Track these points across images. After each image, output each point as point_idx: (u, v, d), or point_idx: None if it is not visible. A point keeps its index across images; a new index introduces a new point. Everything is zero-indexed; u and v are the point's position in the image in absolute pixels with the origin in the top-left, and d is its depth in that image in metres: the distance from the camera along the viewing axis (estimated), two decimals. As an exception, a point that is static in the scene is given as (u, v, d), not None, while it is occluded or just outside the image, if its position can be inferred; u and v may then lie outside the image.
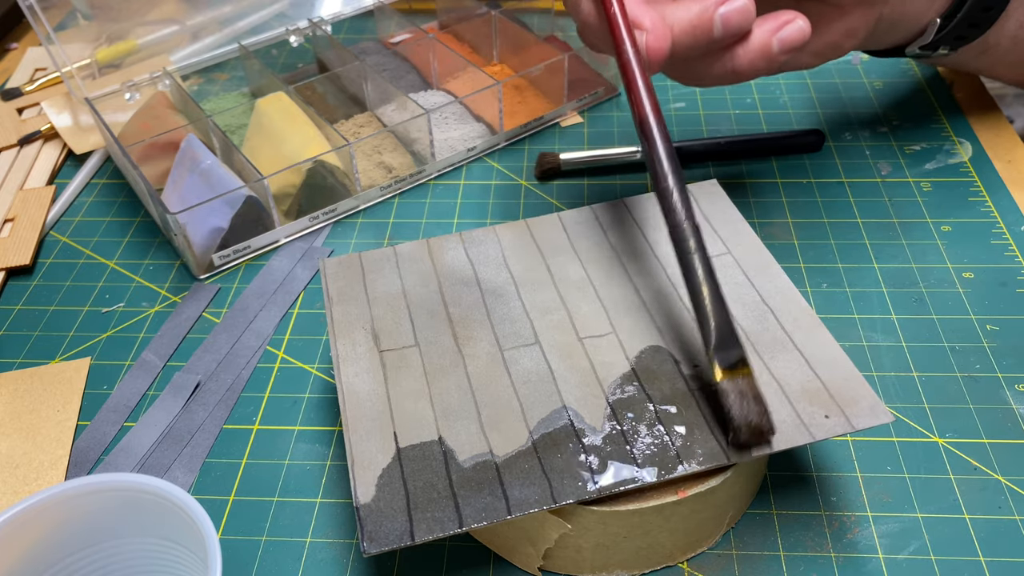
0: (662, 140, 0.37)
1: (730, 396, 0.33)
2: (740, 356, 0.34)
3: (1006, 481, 0.39)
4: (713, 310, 0.35)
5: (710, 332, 0.35)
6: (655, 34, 0.38)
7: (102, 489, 0.32)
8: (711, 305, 0.35)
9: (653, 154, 0.37)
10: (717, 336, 0.35)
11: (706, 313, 0.35)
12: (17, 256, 0.54)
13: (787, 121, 0.61)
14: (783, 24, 0.40)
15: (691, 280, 0.36)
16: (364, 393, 0.37)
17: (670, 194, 0.37)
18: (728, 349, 0.34)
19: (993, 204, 0.53)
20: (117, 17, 0.60)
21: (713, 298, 0.35)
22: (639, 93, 0.38)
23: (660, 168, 0.37)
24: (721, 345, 0.34)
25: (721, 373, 0.34)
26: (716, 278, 0.36)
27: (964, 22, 0.48)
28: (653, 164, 0.37)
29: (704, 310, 0.35)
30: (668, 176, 0.37)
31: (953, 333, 0.45)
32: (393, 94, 0.59)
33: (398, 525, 0.32)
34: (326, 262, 0.43)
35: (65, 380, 0.46)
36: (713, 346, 0.34)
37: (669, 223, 0.37)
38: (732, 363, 0.34)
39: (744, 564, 0.37)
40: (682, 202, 0.36)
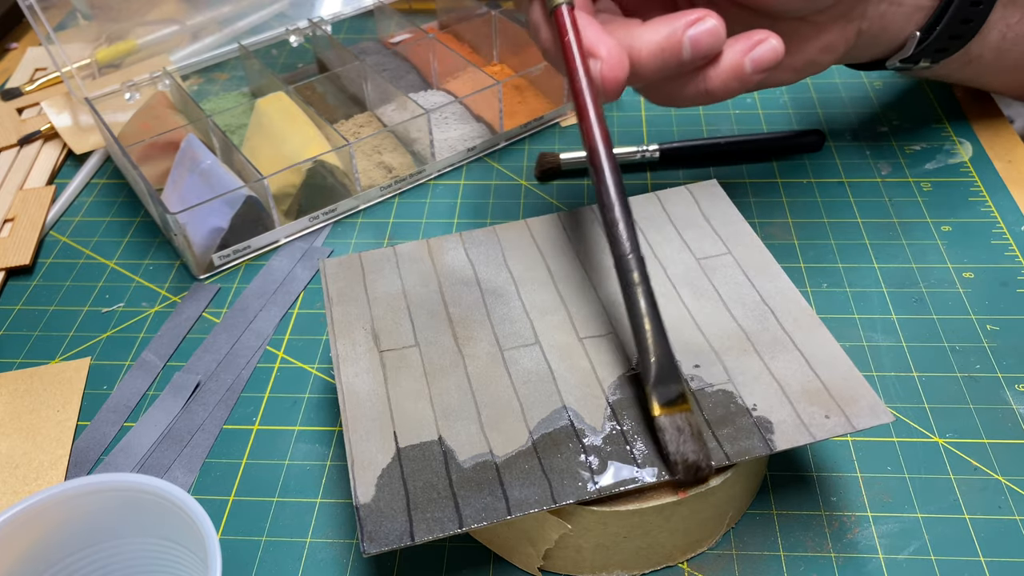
0: (611, 171, 0.37)
1: (667, 432, 0.33)
2: (679, 392, 0.34)
3: (1006, 481, 0.39)
4: (654, 344, 0.35)
5: (649, 367, 0.35)
6: (609, 63, 0.37)
7: (102, 489, 0.32)
8: (652, 339, 0.35)
9: (600, 185, 0.37)
10: (656, 371, 0.34)
11: (647, 347, 0.35)
12: (17, 256, 0.54)
13: (787, 121, 0.61)
14: (755, 44, 0.39)
15: (633, 313, 0.36)
16: (364, 393, 0.37)
17: (615, 225, 0.36)
18: (667, 384, 0.34)
19: (993, 204, 0.53)
20: (117, 17, 0.60)
21: (655, 332, 0.35)
22: (589, 122, 0.37)
23: (607, 199, 0.37)
24: (660, 380, 0.34)
25: (659, 409, 0.34)
26: (659, 312, 0.36)
27: (944, 35, 0.47)
28: (600, 195, 0.37)
29: (645, 344, 0.35)
30: (615, 207, 0.37)
31: (953, 333, 0.45)
32: (393, 94, 0.59)
33: (398, 525, 0.32)
34: (326, 262, 0.43)
35: (65, 380, 0.46)
36: (652, 382, 0.34)
37: (614, 254, 0.36)
38: (671, 399, 0.34)
39: (744, 564, 0.37)
40: (627, 234, 0.36)
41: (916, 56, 0.49)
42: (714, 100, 0.41)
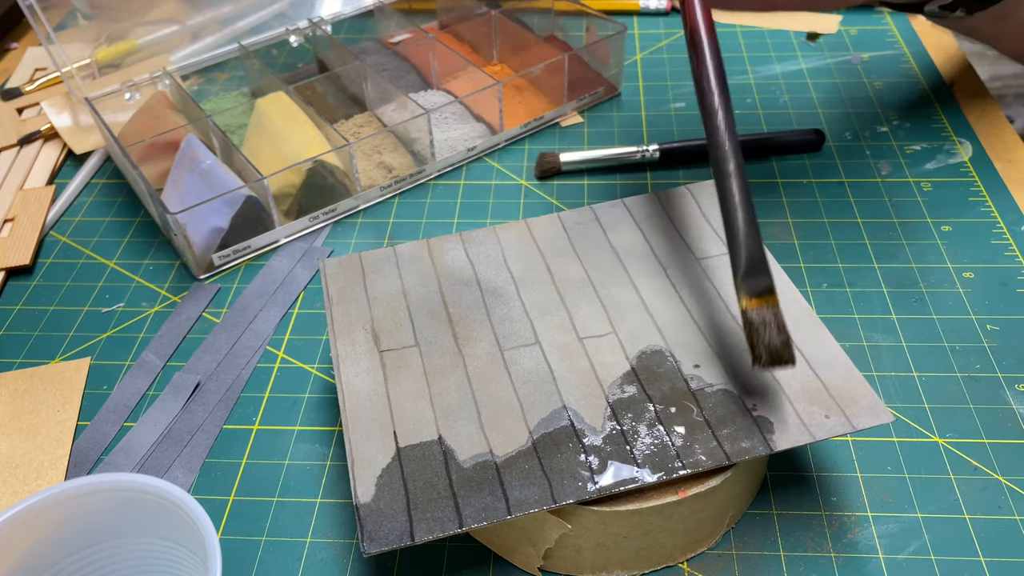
0: (712, 55, 0.36)
1: (754, 323, 0.33)
2: (768, 285, 0.34)
3: (1006, 481, 0.39)
4: (745, 237, 0.34)
5: (740, 259, 0.34)
6: None
7: (102, 489, 0.32)
8: (744, 232, 0.34)
9: (701, 69, 0.36)
10: (747, 264, 0.34)
11: (738, 240, 0.34)
12: (17, 256, 0.54)
13: (787, 121, 0.61)
14: None
15: (726, 204, 0.35)
16: (364, 393, 0.37)
17: (714, 113, 0.35)
18: (756, 277, 0.34)
19: (993, 204, 0.53)
20: (117, 17, 0.60)
21: (747, 224, 0.34)
22: (693, 3, 0.36)
23: (707, 84, 0.36)
24: (750, 273, 0.34)
25: (747, 300, 0.34)
26: (752, 204, 0.34)
27: None
28: (700, 79, 0.36)
29: (736, 236, 0.34)
30: (714, 93, 0.35)
31: (953, 333, 0.45)
32: (393, 94, 0.59)
33: (398, 525, 0.32)
34: (326, 262, 0.43)
35: (65, 380, 0.46)
36: (742, 273, 0.34)
37: (711, 141, 0.35)
38: (759, 291, 0.34)
39: (744, 564, 0.37)
40: (726, 121, 0.35)
41: (955, 3, 0.48)
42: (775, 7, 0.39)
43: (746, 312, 0.34)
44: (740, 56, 0.68)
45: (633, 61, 0.68)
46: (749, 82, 0.65)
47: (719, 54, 0.36)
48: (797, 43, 0.69)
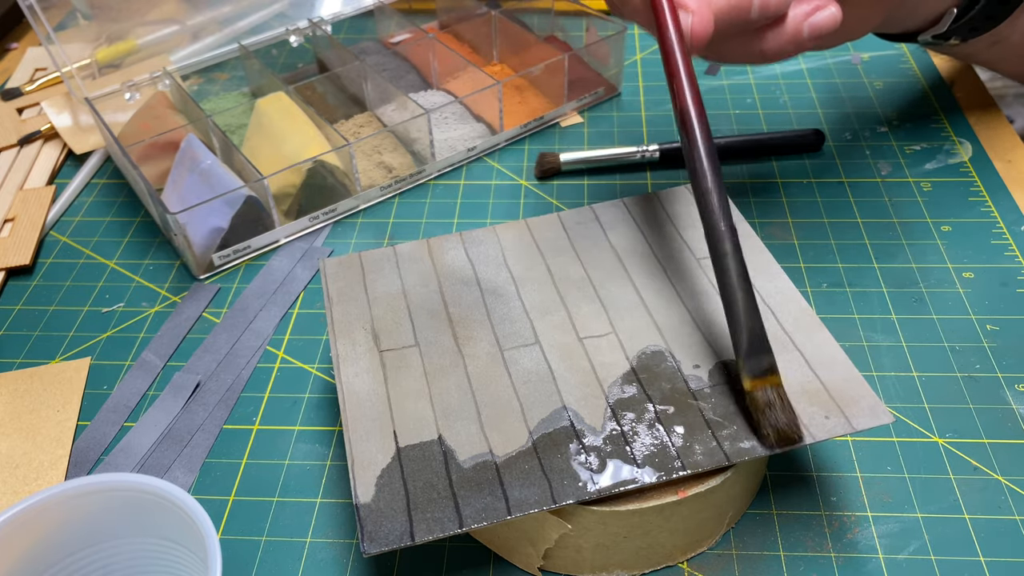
0: (702, 136, 0.36)
1: (759, 405, 0.34)
2: (770, 364, 0.34)
3: (1006, 481, 0.39)
4: (746, 316, 0.35)
5: (741, 339, 0.34)
6: (699, 16, 0.37)
7: (102, 489, 0.32)
8: (744, 311, 0.35)
9: (693, 151, 0.36)
10: (748, 344, 0.34)
11: (739, 319, 0.35)
12: (17, 256, 0.54)
13: (787, 121, 0.61)
14: (815, 9, 0.39)
15: (725, 284, 0.35)
16: (364, 393, 0.37)
17: (709, 195, 0.36)
18: (758, 356, 0.34)
19: (993, 204, 0.53)
20: (117, 17, 0.60)
21: (746, 304, 0.35)
22: (681, 83, 0.37)
23: (699, 167, 0.36)
24: (751, 353, 0.34)
25: (750, 382, 0.34)
26: (750, 283, 0.35)
27: (981, 14, 0.48)
28: (692, 161, 0.36)
29: (737, 316, 0.35)
30: (707, 176, 0.36)
31: (953, 333, 0.45)
32: (393, 94, 0.59)
33: (398, 525, 0.32)
34: (326, 262, 0.43)
35: (65, 380, 0.46)
36: (744, 353, 0.34)
37: (706, 223, 0.36)
38: (762, 371, 0.34)
39: (744, 564, 0.37)
40: (719, 205, 0.36)
41: (948, 33, 0.50)
42: (766, 62, 0.41)
43: (750, 393, 0.34)
44: (740, 56, 0.68)
45: (633, 61, 0.68)
46: (749, 82, 0.65)
47: (710, 135, 0.36)
48: (797, 43, 0.69)
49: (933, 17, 0.49)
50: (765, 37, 0.40)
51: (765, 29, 0.40)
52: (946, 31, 0.49)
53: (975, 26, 0.49)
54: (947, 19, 0.49)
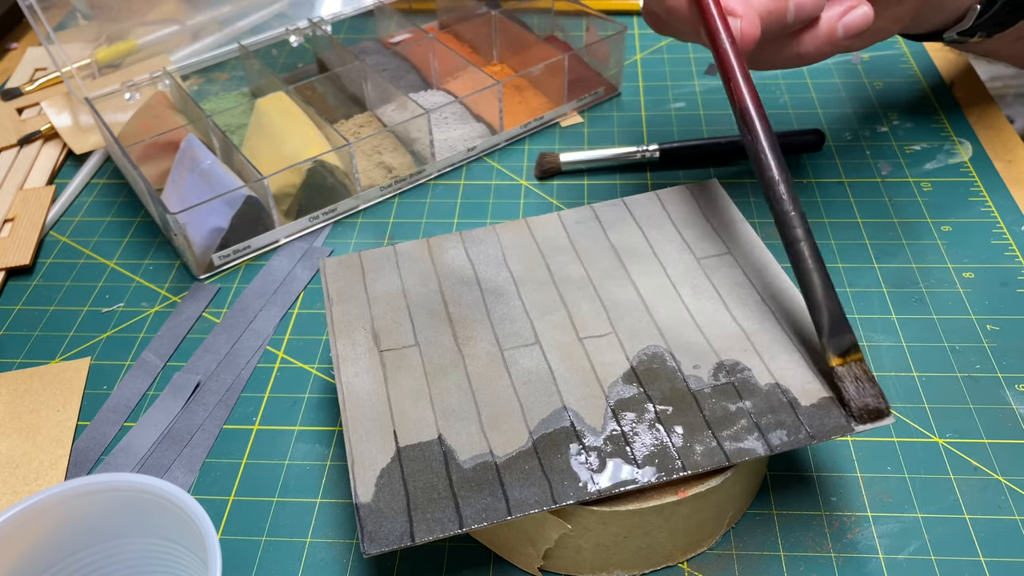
0: (764, 130, 0.38)
1: (845, 381, 0.35)
2: (852, 342, 0.35)
3: (1006, 481, 0.39)
4: (825, 298, 0.36)
5: (823, 320, 0.36)
6: (747, 20, 0.38)
7: (102, 489, 0.32)
8: (822, 293, 0.36)
9: (756, 144, 0.38)
10: (830, 323, 0.36)
11: (818, 301, 0.36)
12: (17, 256, 0.54)
13: (787, 121, 0.61)
14: (848, 10, 0.40)
15: (800, 268, 0.37)
16: (364, 393, 0.37)
17: (776, 184, 0.38)
18: (841, 335, 0.36)
19: (993, 204, 0.53)
20: (117, 17, 0.60)
21: (824, 286, 0.36)
22: (739, 83, 0.39)
23: (764, 159, 0.38)
24: (834, 331, 0.36)
25: (835, 359, 0.35)
26: (824, 265, 0.37)
27: (1004, 8, 0.49)
28: (757, 154, 0.38)
29: (816, 298, 0.36)
30: (773, 167, 0.38)
31: (953, 333, 0.45)
32: (393, 94, 0.59)
33: (398, 525, 0.32)
34: (326, 262, 0.43)
35: (65, 380, 0.46)
36: (827, 333, 0.36)
37: (775, 211, 0.38)
38: (845, 349, 0.35)
39: (744, 564, 0.37)
40: (787, 192, 0.37)
41: (973, 29, 0.50)
42: (804, 63, 0.42)
43: (834, 370, 0.35)
44: (740, 56, 0.68)
45: (633, 61, 0.68)
46: (749, 82, 0.65)
47: (770, 127, 0.39)
48: (797, 43, 0.69)
49: (958, 14, 0.50)
50: (802, 40, 0.41)
51: (801, 32, 0.41)
52: (971, 27, 0.50)
53: (1000, 20, 0.50)
54: (971, 15, 0.49)
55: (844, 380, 0.35)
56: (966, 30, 0.50)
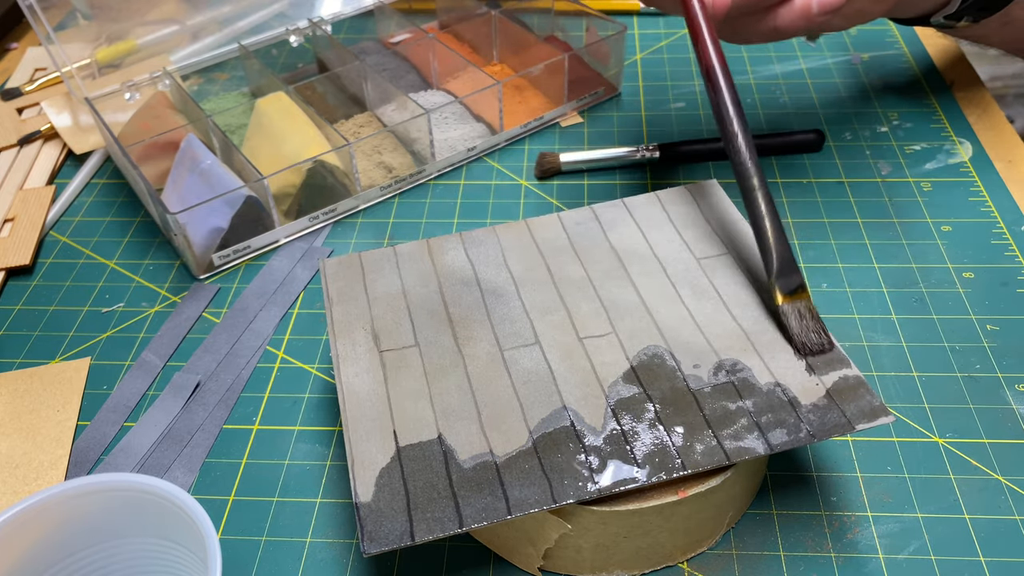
0: (727, 87, 0.41)
1: (790, 318, 0.38)
2: (799, 282, 0.38)
3: (1006, 481, 0.39)
4: (775, 241, 0.39)
5: (772, 260, 0.39)
6: None
7: (102, 489, 0.32)
8: (773, 236, 0.39)
9: (719, 99, 0.41)
10: (778, 264, 0.39)
11: (768, 244, 0.39)
12: (17, 256, 0.54)
13: (787, 121, 0.61)
14: None
15: (754, 214, 0.40)
16: (364, 393, 0.37)
17: (735, 137, 0.41)
18: (788, 276, 0.39)
19: (993, 204, 0.53)
20: (117, 17, 0.60)
21: (775, 230, 0.39)
22: (706, 45, 0.42)
23: (726, 112, 0.41)
24: (782, 272, 0.39)
25: (782, 297, 0.38)
26: (777, 212, 0.40)
27: None
28: (719, 108, 0.41)
29: (767, 241, 0.39)
30: (734, 120, 0.41)
31: (953, 333, 0.45)
32: (393, 94, 0.59)
33: (398, 525, 0.32)
34: (326, 262, 0.43)
35: (65, 380, 0.46)
36: (775, 273, 0.38)
37: (734, 163, 0.40)
38: (792, 289, 0.38)
39: (744, 564, 0.37)
40: (746, 144, 0.40)
41: (959, 13, 0.51)
42: (781, 38, 0.45)
43: (782, 307, 0.38)
44: (740, 56, 0.68)
45: (633, 61, 0.68)
46: (749, 82, 0.65)
47: (734, 85, 0.41)
48: (797, 43, 0.69)
49: None
50: (778, 14, 0.43)
51: (776, 6, 0.43)
52: (957, 11, 0.51)
53: (985, 5, 0.51)
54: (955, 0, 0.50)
55: (788, 316, 0.38)
56: (952, 14, 0.51)
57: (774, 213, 0.40)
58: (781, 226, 0.40)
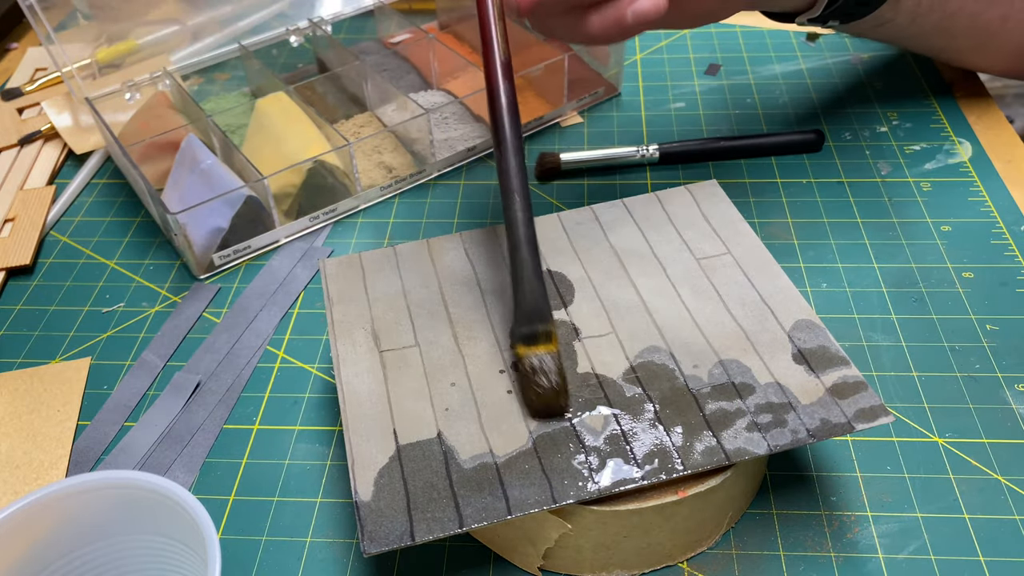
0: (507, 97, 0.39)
1: (525, 369, 0.35)
2: (546, 331, 0.36)
3: (1006, 481, 0.39)
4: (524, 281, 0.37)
5: (520, 308, 0.37)
6: None
7: (103, 486, 0.32)
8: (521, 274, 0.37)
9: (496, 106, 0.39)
10: (524, 314, 0.37)
11: (522, 288, 0.37)
12: (17, 256, 0.54)
13: (787, 121, 0.61)
14: None
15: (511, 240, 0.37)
16: (364, 393, 0.37)
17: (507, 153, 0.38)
18: (532, 324, 0.36)
19: (993, 204, 0.53)
20: (117, 17, 0.60)
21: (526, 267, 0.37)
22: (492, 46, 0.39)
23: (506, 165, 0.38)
24: (526, 321, 0.36)
25: (521, 348, 0.36)
26: (538, 250, 0.38)
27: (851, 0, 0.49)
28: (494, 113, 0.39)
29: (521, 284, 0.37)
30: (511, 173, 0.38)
31: (953, 333, 0.45)
32: (393, 94, 0.59)
33: (398, 525, 0.32)
34: (326, 262, 0.43)
35: (65, 380, 0.46)
36: (518, 322, 0.36)
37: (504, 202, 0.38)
38: (533, 338, 0.36)
39: (744, 564, 0.37)
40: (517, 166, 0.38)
41: (825, 16, 0.50)
42: (595, 43, 0.41)
43: (521, 359, 0.36)
44: (740, 56, 0.68)
45: (633, 61, 0.68)
46: (749, 82, 0.65)
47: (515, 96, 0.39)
48: (797, 43, 0.69)
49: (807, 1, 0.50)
50: (590, 19, 0.40)
51: (591, 9, 0.40)
52: (821, 15, 0.50)
53: (849, 11, 0.50)
54: (819, 5, 0.49)
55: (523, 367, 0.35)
56: (816, 17, 0.50)
57: (535, 252, 0.37)
58: (538, 268, 0.37)
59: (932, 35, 0.54)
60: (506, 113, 0.38)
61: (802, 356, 0.37)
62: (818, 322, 0.38)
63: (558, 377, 0.35)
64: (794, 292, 0.40)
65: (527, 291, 0.36)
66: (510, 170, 0.37)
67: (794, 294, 0.40)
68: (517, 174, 0.37)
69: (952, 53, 0.58)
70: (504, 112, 0.38)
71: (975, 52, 0.57)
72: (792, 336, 0.38)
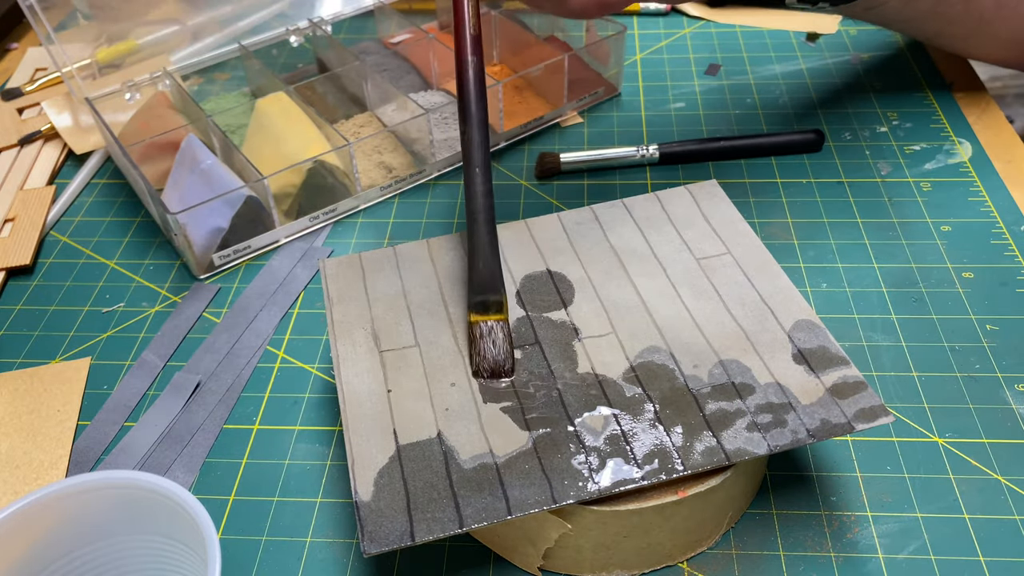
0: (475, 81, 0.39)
1: (476, 334, 0.37)
2: (495, 300, 0.38)
3: (1006, 481, 0.39)
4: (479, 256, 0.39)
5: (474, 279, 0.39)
6: None
7: (103, 486, 0.32)
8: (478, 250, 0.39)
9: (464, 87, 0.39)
10: (478, 284, 0.39)
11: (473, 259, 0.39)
12: (17, 256, 0.54)
13: (787, 121, 0.61)
14: None
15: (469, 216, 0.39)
16: (364, 393, 0.37)
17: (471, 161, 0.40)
18: (485, 295, 0.38)
19: (993, 204, 0.53)
20: (117, 17, 0.60)
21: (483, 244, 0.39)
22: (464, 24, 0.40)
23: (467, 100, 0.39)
24: (480, 291, 0.39)
25: (474, 315, 0.38)
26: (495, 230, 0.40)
27: None
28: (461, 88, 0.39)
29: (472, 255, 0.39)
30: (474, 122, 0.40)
31: (953, 333, 0.45)
32: (393, 94, 0.59)
33: (398, 525, 0.32)
34: (326, 262, 0.43)
35: (65, 380, 0.46)
36: (472, 288, 0.39)
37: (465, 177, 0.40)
38: (487, 306, 0.38)
39: (744, 564, 0.37)
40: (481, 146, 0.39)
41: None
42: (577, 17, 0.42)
43: (473, 324, 0.38)
44: (740, 56, 0.68)
45: (633, 61, 0.68)
46: (749, 82, 0.65)
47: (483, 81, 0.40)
48: (797, 43, 0.69)
49: None
50: None
51: None
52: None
53: None
54: None
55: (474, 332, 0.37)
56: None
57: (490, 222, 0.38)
58: (493, 240, 0.39)
59: (926, 19, 0.54)
60: (473, 87, 0.39)
61: (802, 356, 0.37)
62: (818, 322, 0.38)
63: (506, 344, 0.37)
64: (794, 292, 0.40)
65: (481, 264, 0.38)
66: (473, 142, 0.39)
67: (794, 294, 0.40)
68: (480, 146, 0.39)
69: (946, 39, 0.58)
70: (471, 85, 0.39)
71: (969, 39, 0.57)
72: (792, 336, 0.38)
